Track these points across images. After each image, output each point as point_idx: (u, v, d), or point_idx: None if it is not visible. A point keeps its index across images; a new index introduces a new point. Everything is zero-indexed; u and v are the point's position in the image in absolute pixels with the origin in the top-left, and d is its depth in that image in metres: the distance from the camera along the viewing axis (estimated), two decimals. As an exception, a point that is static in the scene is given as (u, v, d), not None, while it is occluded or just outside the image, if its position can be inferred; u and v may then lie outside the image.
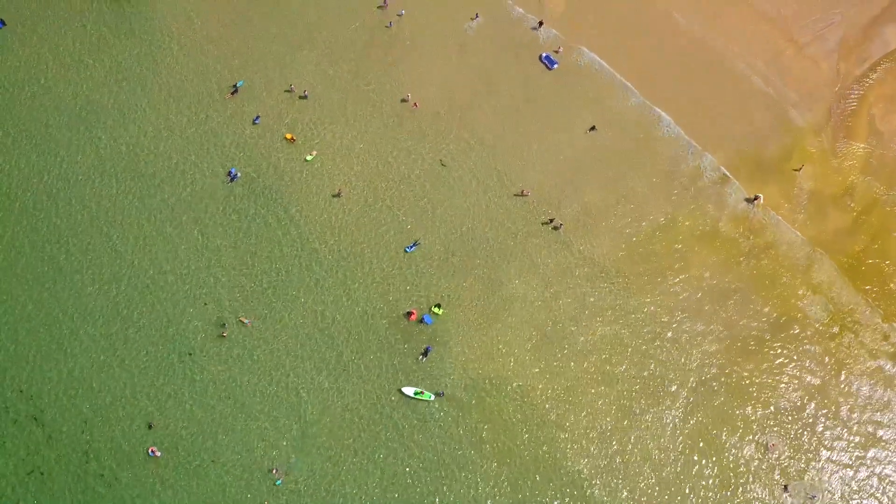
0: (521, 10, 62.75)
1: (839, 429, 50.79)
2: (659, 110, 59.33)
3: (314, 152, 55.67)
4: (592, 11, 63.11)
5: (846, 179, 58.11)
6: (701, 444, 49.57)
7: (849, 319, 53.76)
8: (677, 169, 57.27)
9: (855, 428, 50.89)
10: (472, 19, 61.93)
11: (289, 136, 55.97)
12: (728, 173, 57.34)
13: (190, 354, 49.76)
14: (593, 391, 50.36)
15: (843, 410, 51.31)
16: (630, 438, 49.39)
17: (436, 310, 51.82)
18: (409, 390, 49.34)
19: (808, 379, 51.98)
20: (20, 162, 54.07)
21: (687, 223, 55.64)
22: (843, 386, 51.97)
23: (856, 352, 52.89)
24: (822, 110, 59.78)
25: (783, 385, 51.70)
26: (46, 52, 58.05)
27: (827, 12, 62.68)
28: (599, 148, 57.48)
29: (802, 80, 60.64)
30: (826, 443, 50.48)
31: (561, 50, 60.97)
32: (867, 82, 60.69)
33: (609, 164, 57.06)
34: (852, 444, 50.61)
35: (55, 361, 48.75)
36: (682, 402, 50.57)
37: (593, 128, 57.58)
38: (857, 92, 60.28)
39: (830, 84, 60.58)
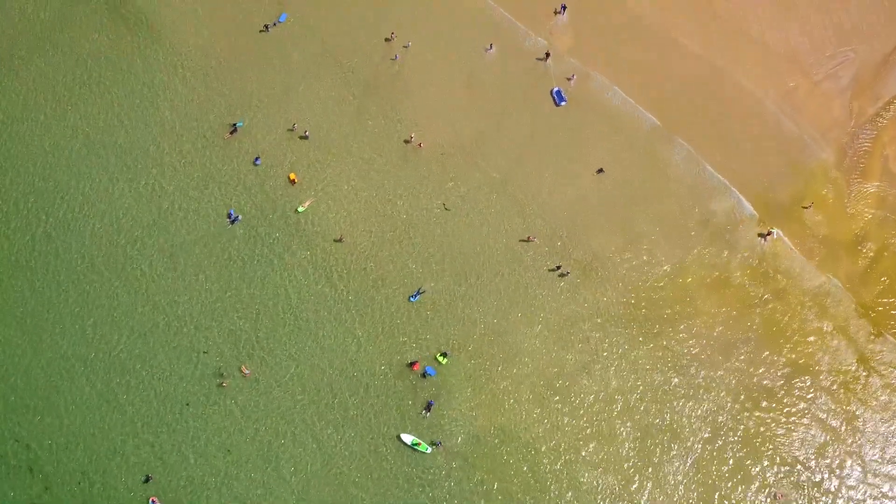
0: (539, 39, 61.34)
1: (850, 479, 50.03)
2: (671, 148, 58.14)
3: (307, 203, 54.30)
4: (602, 44, 61.84)
5: (860, 220, 57.01)
6: (716, 499, 48.85)
7: (869, 364, 52.80)
8: (688, 211, 56.09)
9: (870, 482, 50.14)
10: (485, 49, 60.69)
11: (292, 176, 54.89)
12: (740, 214, 56.19)
13: (187, 405, 48.98)
14: (603, 444, 49.46)
15: (856, 464, 50.48)
16: (643, 493, 48.61)
17: (440, 358, 50.89)
18: (407, 438, 48.63)
19: (825, 426, 51.08)
20: (18, 204, 53.12)
21: (698, 268, 54.52)
22: (860, 435, 51.06)
23: (872, 397, 51.98)
24: (835, 150, 58.58)
25: (798, 434, 50.77)
26: (43, 87, 56.90)
27: (840, 49, 61.34)
28: (608, 190, 56.30)
29: (815, 118, 59.40)
30: (837, 494, 49.72)
31: (574, 77, 59.76)
32: (881, 122, 59.48)
33: (617, 207, 55.89)
34: (868, 497, 49.92)
35: (53, 410, 48.01)
36: (694, 453, 49.68)
37: (601, 170, 56.39)
38: (870, 132, 59.09)
39: (844, 123, 59.36)
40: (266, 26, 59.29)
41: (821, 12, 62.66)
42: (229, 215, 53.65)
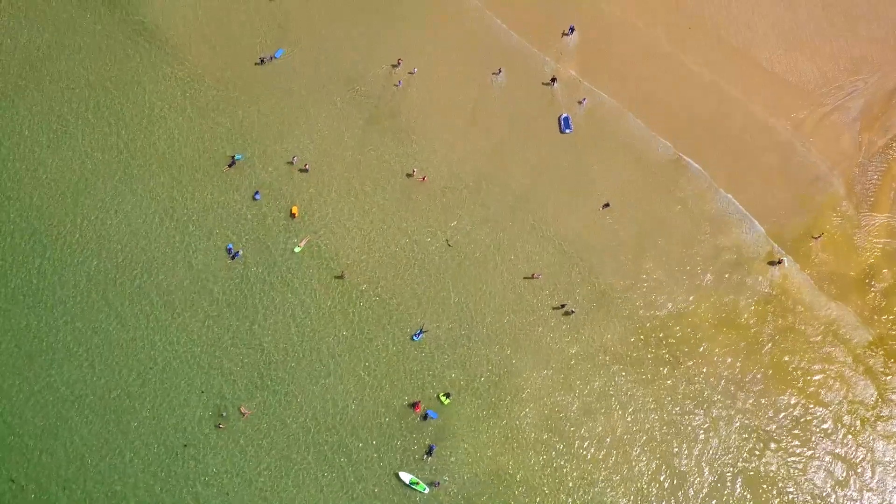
0: (547, 59, 60.45)
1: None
2: (680, 176, 57.35)
3: (303, 242, 53.29)
4: (610, 67, 60.99)
5: (870, 252, 56.13)
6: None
7: (885, 396, 51.92)
8: (696, 245, 55.15)
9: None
10: (494, 74, 59.67)
11: (294, 209, 53.92)
12: (751, 243, 55.28)
13: (185, 446, 48.14)
14: (607, 490, 48.59)
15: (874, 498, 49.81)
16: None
17: (443, 399, 50.06)
18: (405, 476, 47.86)
19: (834, 469, 50.23)
20: (15, 239, 52.20)
21: (707, 303, 53.59)
22: (880, 468, 50.21)
23: (890, 429, 51.18)
24: (844, 181, 57.66)
25: (815, 471, 49.91)
26: (39, 118, 55.96)
27: (849, 79, 60.45)
28: (614, 225, 55.33)
29: (825, 149, 58.46)
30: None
31: (585, 101, 58.79)
32: (890, 154, 58.56)
33: (624, 242, 54.92)
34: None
35: (50, 451, 47.23)
36: (702, 498, 48.89)
37: (607, 204, 55.46)
38: (880, 164, 58.21)
39: (853, 155, 58.45)
40: (262, 59, 58.34)
41: (830, 42, 61.81)
42: (228, 250, 52.74)
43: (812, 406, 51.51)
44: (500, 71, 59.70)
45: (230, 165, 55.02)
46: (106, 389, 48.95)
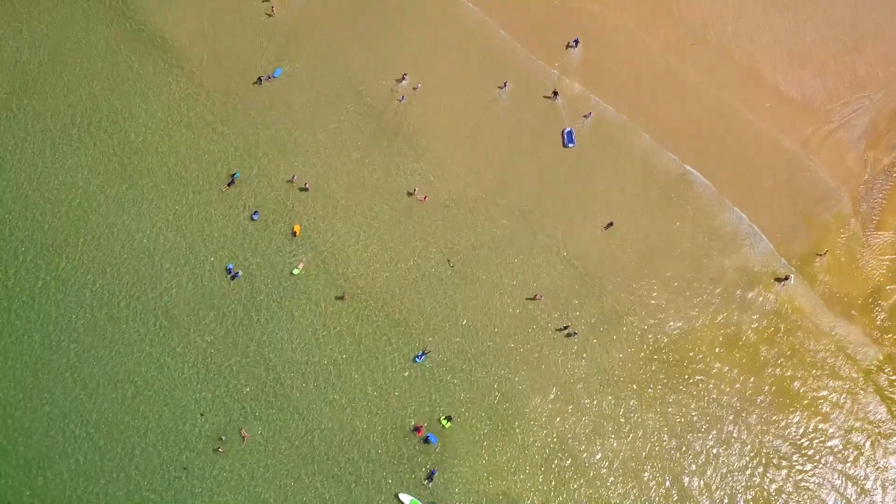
0: (553, 71, 59.99)
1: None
2: (685, 192, 56.81)
3: (301, 264, 52.70)
4: (615, 80, 60.52)
5: (876, 270, 55.53)
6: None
7: (891, 419, 51.24)
8: (701, 263, 54.46)
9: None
10: (499, 87, 59.12)
11: (296, 228, 53.30)
12: (757, 259, 54.68)
13: (185, 469, 47.52)
14: (610, 514, 48.07)
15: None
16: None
17: (444, 422, 49.41)
18: (405, 498, 47.31)
19: (853, 482, 49.54)
20: (17, 257, 51.74)
21: (712, 323, 52.86)
22: (881, 497, 49.62)
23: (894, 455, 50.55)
24: (850, 199, 57.04)
25: (826, 492, 49.22)
26: (41, 133, 55.66)
27: (854, 95, 59.88)
28: (617, 245, 54.65)
29: (830, 167, 57.84)
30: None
31: (591, 115, 58.29)
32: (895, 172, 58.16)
33: (628, 263, 54.25)
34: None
35: (48, 473, 46.71)
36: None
37: (610, 224, 54.81)
38: (885, 183, 57.62)
39: (858, 173, 57.84)
40: (259, 79, 57.76)
41: (835, 58, 61.28)
42: (228, 270, 52.14)
43: (822, 425, 50.84)
44: (505, 85, 59.17)
45: (229, 184, 54.42)
46: (106, 411, 48.39)
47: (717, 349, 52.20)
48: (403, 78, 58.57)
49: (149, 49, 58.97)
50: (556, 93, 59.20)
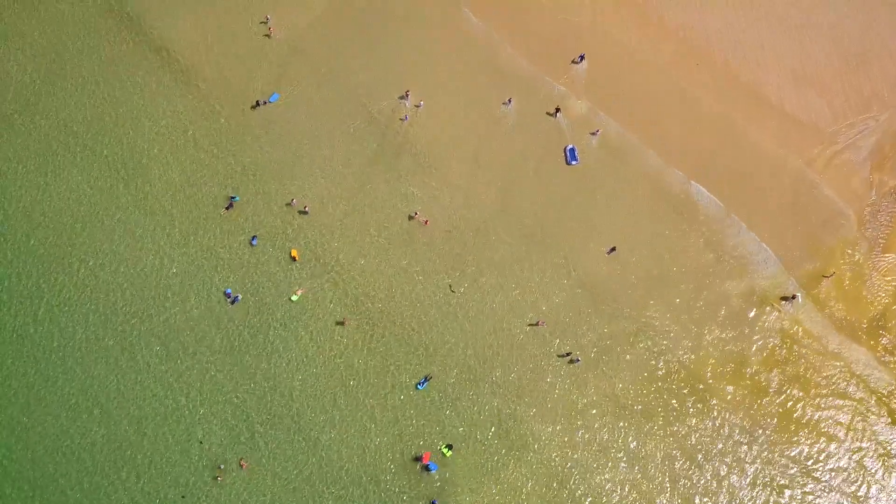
0: (559, 87, 59.44)
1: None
2: (690, 212, 56.35)
3: (299, 291, 52.12)
4: (620, 97, 60.00)
5: (882, 292, 55.03)
6: None
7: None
8: (707, 282, 53.97)
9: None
10: (504, 104, 58.49)
11: (294, 252, 52.72)
12: (760, 285, 54.20)
13: (183, 497, 46.98)
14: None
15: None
16: None
17: (445, 450, 48.85)
18: None
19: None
20: (11, 283, 51.10)
21: (719, 346, 52.37)
22: None
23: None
24: (856, 222, 56.50)
25: None
26: (42, 150, 55.24)
27: (860, 116, 59.29)
28: (621, 270, 54.07)
29: (835, 189, 57.29)
30: None
31: (599, 132, 57.72)
32: (902, 194, 57.70)
33: (634, 285, 53.67)
34: None
35: (47, 501, 46.19)
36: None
37: (613, 249, 54.23)
38: (891, 205, 57.08)
39: (864, 195, 57.29)
40: (258, 102, 57.13)
41: (840, 78, 60.70)
42: (227, 295, 51.55)
43: (833, 449, 50.47)
44: (509, 101, 58.57)
45: (228, 207, 53.81)
46: (103, 439, 47.75)
47: (725, 372, 51.69)
48: (406, 95, 57.95)
49: (154, 63, 58.60)
50: (558, 109, 58.63)
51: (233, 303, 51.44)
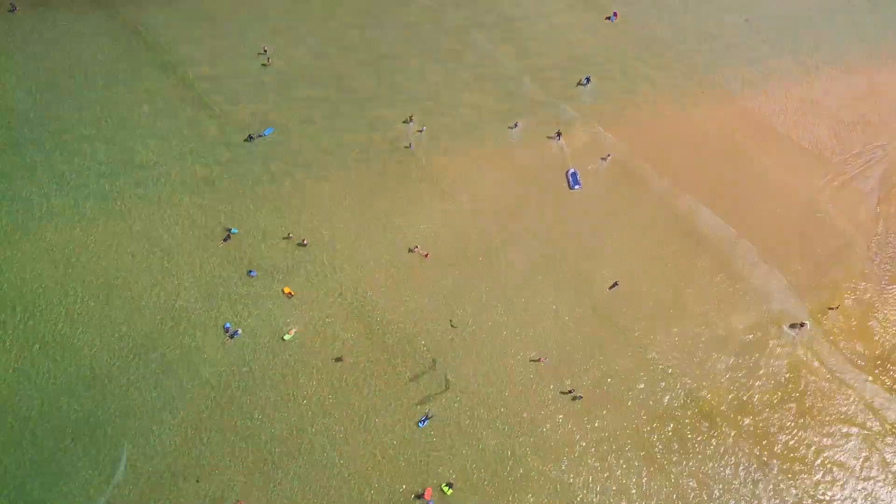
0: (566, 108, 58.69)
1: None
2: (695, 233, 55.81)
3: (293, 330, 51.33)
4: (627, 120, 59.37)
5: (890, 326, 54.36)
6: None
7: None
8: (706, 330, 53.26)
9: None
10: (510, 127, 57.71)
11: (287, 290, 51.98)
12: (768, 314, 53.50)
13: (182, 539, 46.44)
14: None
15: None
16: None
17: (445, 489, 48.16)
18: None
19: None
20: (5, 320, 50.59)
21: (717, 392, 51.68)
22: None
23: None
24: (862, 252, 55.78)
25: None
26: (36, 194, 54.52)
27: (867, 145, 58.56)
28: (621, 307, 53.34)
29: (843, 220, 56.67)
30: None
31: (610, 156, 56.98)
32: (910, 226, 56.94)
33: (631, 325, 52.98)
34: None
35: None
36: None
37: (615, 284, 53.47)
38: (899, 237, 56.63)
39: (870, 227, 56.58)
40: (250, 136, 56.42)
41: (848, 108, 59.98)
42: (226, 329, 50.86)
43: (844, 481, 49.73)
44: (516, 125, 57.91)
45: (225, 240, 53.10)
46: (103, 480, 47.09)
47: (734, 403, 50.99)
48: (410, 119, 57.26)
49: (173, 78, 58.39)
50: (559, 133, 57.88)
51: (231, 337, 50.73)
